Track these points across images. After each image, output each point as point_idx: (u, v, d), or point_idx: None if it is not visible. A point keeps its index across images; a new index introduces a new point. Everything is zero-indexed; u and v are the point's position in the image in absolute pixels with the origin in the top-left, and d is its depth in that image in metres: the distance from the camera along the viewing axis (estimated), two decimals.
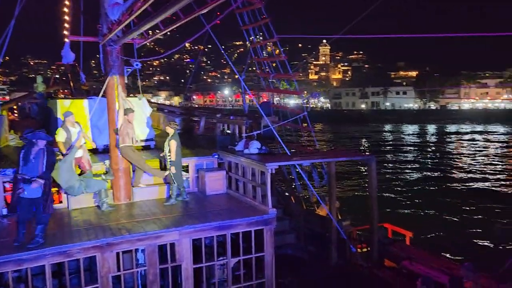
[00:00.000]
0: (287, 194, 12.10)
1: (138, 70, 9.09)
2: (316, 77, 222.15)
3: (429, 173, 30.80)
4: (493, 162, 36.93)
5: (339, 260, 10.01)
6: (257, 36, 12.68)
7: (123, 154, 8.78)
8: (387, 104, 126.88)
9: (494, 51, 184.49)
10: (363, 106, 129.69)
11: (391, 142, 58.03)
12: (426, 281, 7.19)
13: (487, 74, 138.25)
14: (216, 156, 10.39)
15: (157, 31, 7.37)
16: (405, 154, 43.27)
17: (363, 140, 60.40)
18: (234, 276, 7.97)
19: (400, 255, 9.40)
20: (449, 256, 10.23)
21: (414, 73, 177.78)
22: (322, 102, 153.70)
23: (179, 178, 9.06)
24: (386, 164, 35.17)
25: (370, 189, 9.59)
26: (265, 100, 14.03)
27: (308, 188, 9.85)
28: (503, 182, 27.71)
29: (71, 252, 6.53)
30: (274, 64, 12.60)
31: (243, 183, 9.36)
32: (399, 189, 24.04)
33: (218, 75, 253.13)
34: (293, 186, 11.86)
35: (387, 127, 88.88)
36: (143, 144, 11.42)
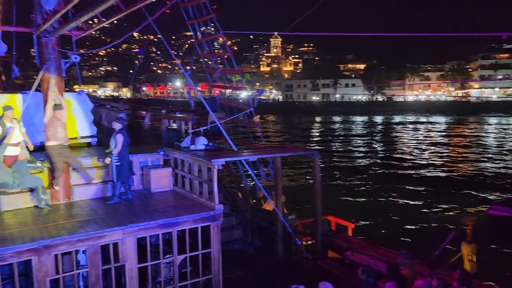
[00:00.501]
0: (234, 190, 12.12)
1: (77, 63, 8.67)
2: (268, 69, 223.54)
3: (373, 164, 31.72)
4: (434, 151, 39.04)
5: (285, 253, 10.17)
6: (208, 27, 12.46)
7: (48, 153, 8.33)
8: (337, 96, 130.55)
9: (435, 46, 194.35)
10: (314, 98, 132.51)
11: (340, 133, 59.76)
12: (366, 270, 7.36)
13: (428, 68, 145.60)
14: (162, 153, 10.18)
15: (97, 21, 7.02)
16: (353, 145, 44.56)
17: (314, 131, 61.78)
18: (180, 274, 7.90)
19: (343, 246, 9.71)
20: (388, 245, 10.67)
21: (362, 66, 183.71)
22: (274, 94, 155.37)
23: (124, 175, 8.78)
24: (334, 155, 36.07)
25: (314, 183, 9.79)
26: (217, 93, 13.87)
27: (255, 184, 9.90)
28: (443, 169, 29.41)
29: (3, 257, 6.17)
30: (219, 60, 12.48)
31: (190, 180, 9.27)
32: (345, 181, 24.70)
33: (169, 66, 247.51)
34: (240, 182, 11.89)
35: (337, 118, 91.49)
36: (85, 140, 10.95)
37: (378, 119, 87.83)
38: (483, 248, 7.04)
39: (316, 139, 51.37)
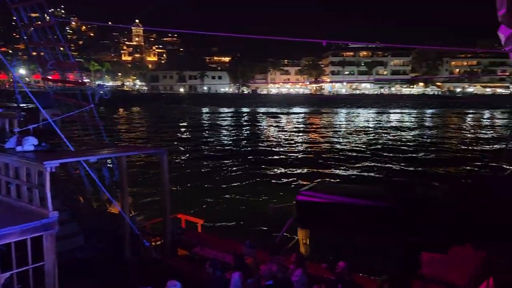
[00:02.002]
0: (75, 194, 11.17)
1: None
2: (130, 58, 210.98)
3: (224, 158, 31.93)
4: (290, 142, 42.09)
5: (132, 256, 9.85)
6: (58, 10, 10.92)
7: None
8: (205, 88, 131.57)
9: (292, 42, 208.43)
10: (181, 89, 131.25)
11: (207, 125, 60.34)
12: (213, 263, 7.49)
13: (286, 62, 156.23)
14: None
15: None
16: (212, 139, 44.88)
17: (182, 123, 61.12)
18: None
19: (192, 242, 9.80)
20: (235, 237, 11.25)
21: (227, 59, 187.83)
22: (138, 85, 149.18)
23: None
24: (189, 151, 35.75)
25: (162, 182, 9.62)
26: (56, 86, 12.41)
27: (98, 186, 9.24)
28: (298, 155, 31.89)
29: None
30: (62, 48, 11.19)
31: (16, 186, 8.14)
32: (197, 177, 24.77)
33: (10, 51, 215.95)
34: (81, 185, 11.00)
35: (205, 110, 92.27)
36: None
37: (244, 111, 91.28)
38: (315, 232, 7.72)
39: (173, 134, 50.16)
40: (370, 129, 53.64)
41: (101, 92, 9.04)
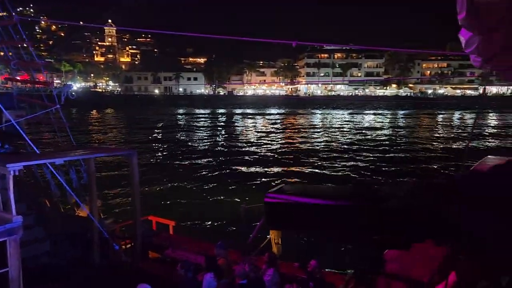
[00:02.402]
0: (40, 198, 10.82)
1: None
2: (102, 59, 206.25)
3: (196, 159, 31.81)
4: (268, 142, 42.17)
5: (102, 260, 9.65)
6: (27, 9, 10.53)
7: None
8: (180, 89, 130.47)
9: (267, 43, 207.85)
10: (156, 91, 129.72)
11: (181, 126, 59.74)
12: (184, 265, 7.41)
13: (261, 63, 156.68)
14: None
15: None
16: (187, 141, 44.46)
17: (156, 125, 60.29)
18: None
19: (163, 245, 9.67)
20: (207, 238, 11.15)
21: (202, 60, 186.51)
22: (111, 86, 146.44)
23: None
24: (162, 153, 35.38)
25: (132, 184, 9.49)
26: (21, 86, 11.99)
27: (65, 189, 8.98)
28: (272, 155, 31.97)
29: None
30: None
31: None
32: (170, 178, 24.51)
33: None
34: (48, 189, 10.66)
35: (181, 111, 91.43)
36: None
37: (220, 112, 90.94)
38: (286, 232, 7.76)
39: (146, 136, 49.43)
40: (344, 129, 54.37)
41: (67, 92, 8.75)
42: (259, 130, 54.65)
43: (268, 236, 8.68)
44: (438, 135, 49.12)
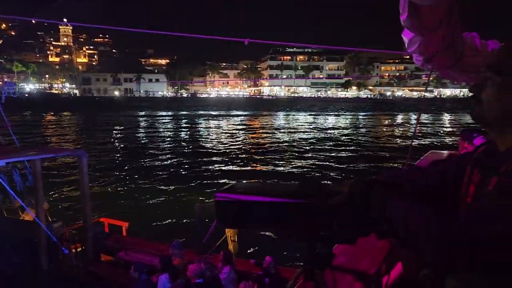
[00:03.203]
0: None
1: None
2: (57, 59, 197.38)
3: (161, 159, 31.25)
4: (231, 143, 41.89)
5: (50, 265, 9.24)
6: None
7: None
8: (142, 91, 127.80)
9: (230, 44, 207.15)
10: (116, 93, 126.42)
11: (141, 128, 58.41)
12: (137, 267, 7.25)
13: (223, 65, 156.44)
14: None
15: None
16: (149, 142, 43.19)
17: (115, 127, 58.55)
18: None
19: (116, 247, 9.43)
20: (162, 239, 10.87)
21: (163, 61, 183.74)
22: (68, 88, 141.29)
23: None
24: (117, 153, 34.49)
25: (82, 185, 9.21)
26: None
27: (8, 192, 8.50)
28: (232, 158, 31.80)
29: None
30: None
31: None
32: (122, 179, 23.86)
33: None
34: None
35: (143, 113, 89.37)
36: None
37: (183, 114, 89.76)
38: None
39: (103, 138, 47.97)
40: (306, 130, 55.00)
41: (8, 91, 8.20)
42: (219, 131, 54.31)
43: (224, 234, 8.83)
44: (395, 134, 50.67)
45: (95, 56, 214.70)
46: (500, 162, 1.03)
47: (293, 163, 29.64)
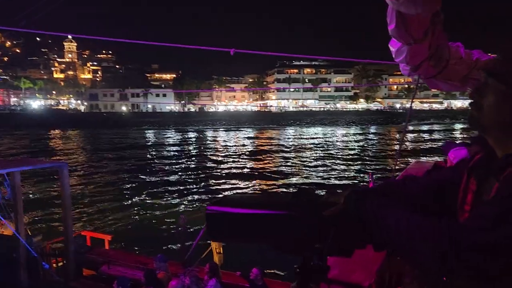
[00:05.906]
0: None
1: None
2: (62, 75, 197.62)
3: (151, 174, 30.75)
4: (238, 160, 40.65)
5: (30, 282, 9.03)
6: None
7: None
8: (149, 106, 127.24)
9: (235, 58, 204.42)
10: (123, 108, 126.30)
11: (151, 145, 57.45)
12: (121, 282, 6.99)
13: (230, 79, 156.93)
14: None
15: None
16: (146, 156, 43.04)
17: (124, 144, 57.40)
18: None
19: (98, 261, 9.21)
20: (146, 252, 10.81)
21: (168, 76, 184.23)
22: (74, 104, 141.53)
23: None
24: (102, 168, 34.10)
25: (63, 197, 9.15)
26: None
27: None
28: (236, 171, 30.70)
29: None
30: None
31: None
32: (105, 192, 23.41)
33: None
34: None
35: (151, 130, 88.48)
36: None
37: (190, 129, 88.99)
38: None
39: (124, 152, 47.58)
40: (314, 146, 53.37)
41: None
42: (220, 145, 54.04)
43: (209, 246, 8.56)
44: (405, 147, 49.05)
45: (99, 72, 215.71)
46: (499, 168, 1.00)
47: (289, 177, 29.10)
